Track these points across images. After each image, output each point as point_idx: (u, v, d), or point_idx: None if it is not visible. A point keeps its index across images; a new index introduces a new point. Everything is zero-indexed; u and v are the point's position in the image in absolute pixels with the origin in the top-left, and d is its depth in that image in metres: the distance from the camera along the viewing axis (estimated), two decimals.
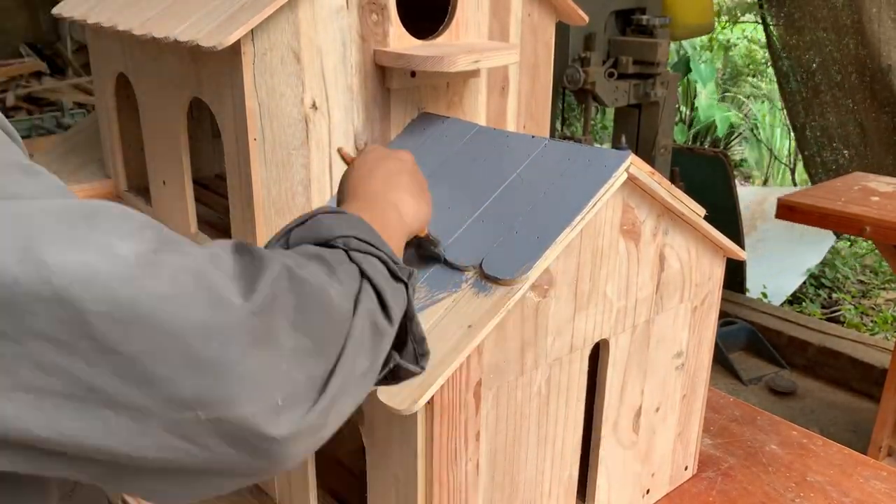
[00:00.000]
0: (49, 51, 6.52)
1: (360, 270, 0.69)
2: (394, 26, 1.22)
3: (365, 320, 0.66)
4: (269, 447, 0.57)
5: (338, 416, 0.64)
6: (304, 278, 0.62)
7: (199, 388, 0.54)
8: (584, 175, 1.02)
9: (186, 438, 0.55)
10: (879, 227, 2.24)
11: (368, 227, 0.75)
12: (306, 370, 0.60)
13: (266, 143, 1.12)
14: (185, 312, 0.54)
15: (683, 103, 6.50)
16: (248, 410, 0.55)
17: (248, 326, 0.57)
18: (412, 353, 0.76)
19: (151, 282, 0.53)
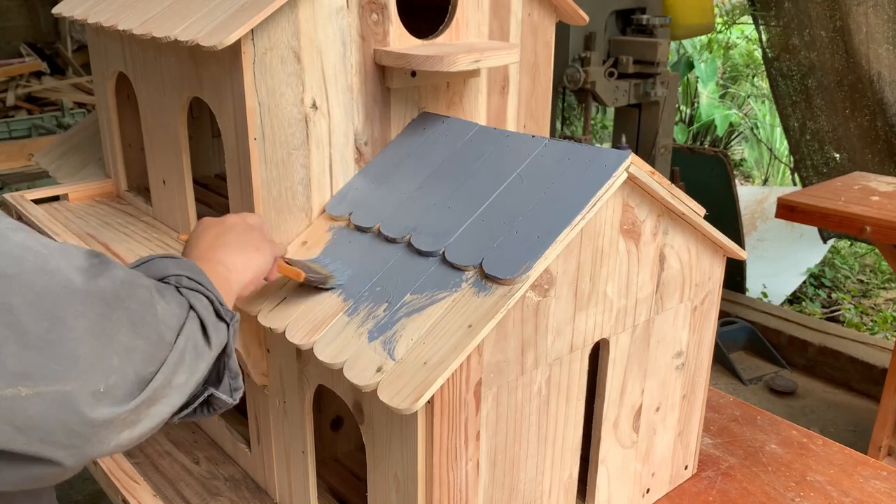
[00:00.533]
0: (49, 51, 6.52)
1: (188, 302, 0.77)
2: (394, 26, 1.22)
3: (188, 340, 0.74)
4: (83, 430, 0.62)
5: (150, 419, 0.69)
6: (143, 287, 0.70)
7: (25, 361, 0.58)
8: (584, 175, 1.02)
9: (2, 415, 0.58)
10: (879, 227, 2.24)
11: (198, 270, 0.83)
12: (135, 369, 0.67)
13: (266, 143, 1.12)
14: (24, 289, 0.58)
15: (684, 103, 6.50)
16: (72, 388, 0.60)
17: (89, 310, 0.63)
18: (227, 387, 0.84)
19: (4, 247, 0.58)
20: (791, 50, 3.62)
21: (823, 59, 3.51)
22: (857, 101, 3.51)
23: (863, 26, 3.31)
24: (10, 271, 0.58)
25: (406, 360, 0.91)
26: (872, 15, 3.31)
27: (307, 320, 1.04)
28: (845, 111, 3.55)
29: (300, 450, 1.20)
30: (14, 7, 6.59)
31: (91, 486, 2.65)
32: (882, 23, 3.32)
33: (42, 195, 1.65)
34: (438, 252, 1.04)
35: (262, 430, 1.29)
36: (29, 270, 0.60)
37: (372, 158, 1.26)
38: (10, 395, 0.58)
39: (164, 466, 1.42)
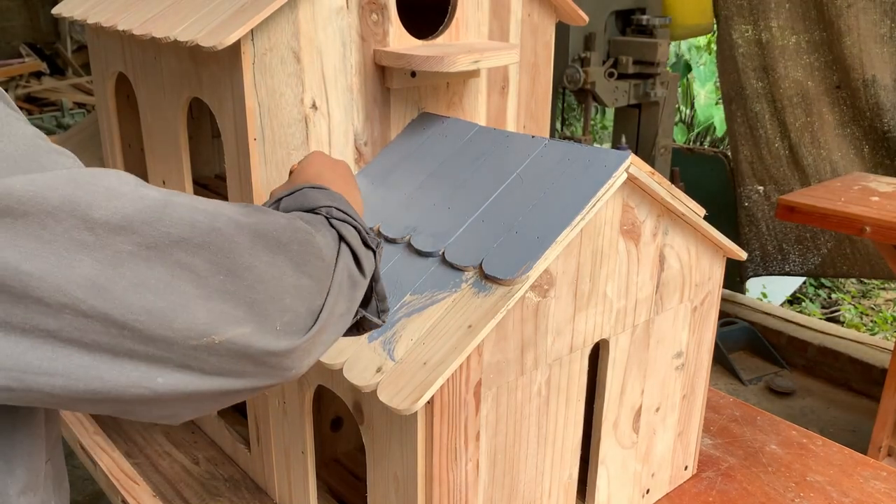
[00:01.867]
0: (49, 51, 6.53)
1: (339, 234, 0.82)
2: (394, 26, 1.22)
3: (344, 271, 0.79)
4: (269, 360, 0.70)
5: (321, 346, 0.76)
6: (301, 230, 0.76)
7: (211, 313, 0.66)
8: (584, 175, 1.02)
9: (201, 361, 0.66)
10: (879, 227, 2.24)
11: (345, 201, 0.88)
12: (306, 304, 0.74)
13: (266, 143, 1.12)
14: (202, 250, 0.66)
15: (683, 103, 6.50)
16: (251, 329, 0.68)
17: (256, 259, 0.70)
18: (375, 309, 0.88)
19: (174, 226, 0.64)
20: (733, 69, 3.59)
21: (785, 73, 3.49)
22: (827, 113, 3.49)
23: (854, 30, 3.30)
24: (187, 234, 0.65)
25: (406, 361, 0.91)
26: (863, 17, 3.29)
27: None
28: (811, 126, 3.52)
29: (300, 450, 1.20)
30: (14, 7, 6.59)
31: (91, 486, 2.65)
32: (872, 26, 3.30)
33: None
34: (438, 252, 1.04)
35: (262, 431, 1.29)
36: (202, 232, 0.66)
37: (372, 159, 1.26)
38: (205, 343, 0.65)
39: (164, 467, 1.42)
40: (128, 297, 0.61)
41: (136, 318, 0.61)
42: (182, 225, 0.65)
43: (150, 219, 0.63)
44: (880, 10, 3.30)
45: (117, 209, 0.61)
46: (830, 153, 3.52)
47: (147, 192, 0.65)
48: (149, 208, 0.63)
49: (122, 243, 0.61)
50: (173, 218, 0.64)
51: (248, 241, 0.70)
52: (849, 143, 3.51)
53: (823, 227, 2.52)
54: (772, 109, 3.56)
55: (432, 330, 0.94)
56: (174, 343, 0.64)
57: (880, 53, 3.33)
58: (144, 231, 0.62)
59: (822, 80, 3.46)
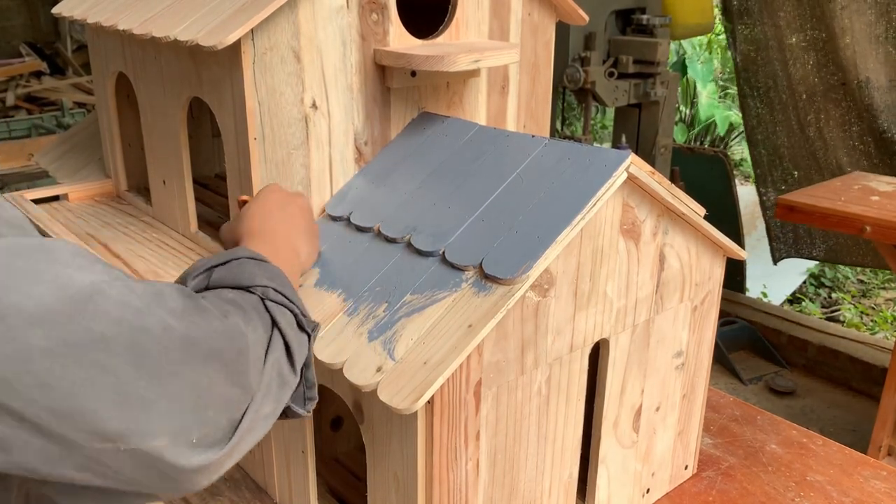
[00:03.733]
0: (49, 50, 6.52)
1: (273, 321, 0.76)
2: (394, 25, 1.22)
3: (273, 370, 0.74)
4: (178, 476, 0.64)
5: (241, 453, 0.71)
6: (238, 333, 0.70)
7: (124, 422, 0.60)
8: (584, 175, 1.02)
9: (103, 465, 0.60)
10: (879, 227, 2.24)
11: (284, 278, 0.82)
12: (228, 416, 0.68)
13: (266, 143, 1.12)
14: (123, 350, 0.59)
15: (683, 103, 6.49)
16: (166, 443, 0.62)
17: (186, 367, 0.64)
18: (301, 396, 0.83)
19: (96, 321, 0.58)
20: (760, 62, 3.62)
21: (796, 69, 3.50)
22: (832, 110, 3.50)
23: (847, 32, 3.30)
24: (110, 333, 0.59)
25: (406, 360, 0.91)
26: (857, 19, 3.29)
27: None
28: (818, 122, 3.54)
29: (300, 450, 1.20)
30: (14, 7, 6.59)
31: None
32: (865, 27, 3.31)
33: (42, 195, 1.65)
34: (438, 252, 1.04)
35: None
36: (127, 331, 0.60)
37: (372, 158, 1.26)
38: (109, 448, 0.60)
39: None
40: (31, 394, 0.56)
41: (36, 414, 0.56)
42: (107, 321, 0.59)
43: (72, 312, 0.57)
44: (875, 12, 3.30)
45: (38, 299, 0.56)
46: (836, 150, 3.54)
47: (77, 279, 0.59)
48: (72, 300, 0.57)
49: (36, 338, 0.55)
50: (98, 312, 0.59)
51: (178, 345, 0.63)
52: (855, 140, 3.52)
53: (824, 226, 2.52)
54: (794, 103, 3.59)
55: (432, 329, 0.94)
56: (75, 445, 0.58)
57: (875, 54, 3.34)
58: (62, 326, 0.56)
59: (829, 77, 3.47)
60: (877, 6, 3.29)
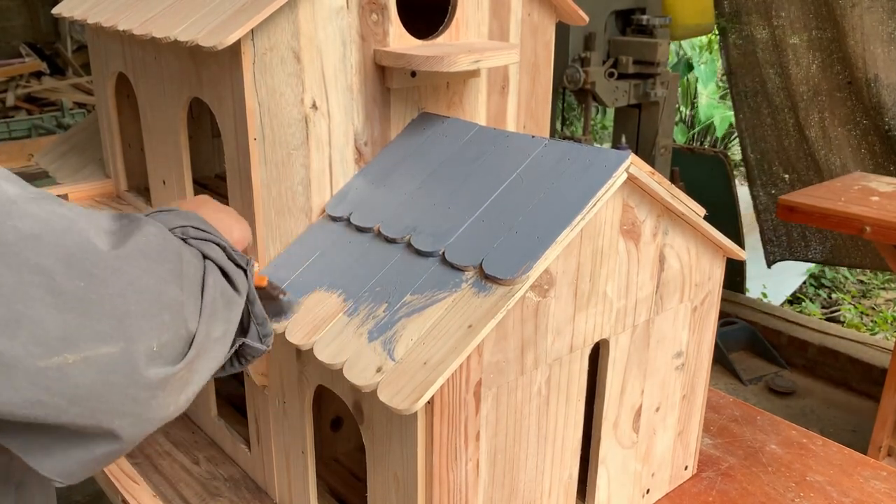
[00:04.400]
0: (49, 51, 6.52)
1: (201, 253, 0.71)
2: (394, 26, 1.22)
3: (215, 289, 0.69)
4: (140, 394, 0.57)
5: (199, 376, 0.65)
6: (172, 239, 0.66)
7: (66, 325, 0.53)
8: (584, 175, 1.02)
9: (51, 389, 0.53)
10: (879, 227, 2.24)
11: (201, 219, 0.78)
12: (186, 324, 0.62)
13: (266, 143, 1.12)
14: (55, 248, 0.54)
15: (683, 103, 6.50)
16: (121, 348, 0.55)
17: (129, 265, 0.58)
18: (256, 334, 0.79)
19: (22, 221, 0.53)
20: (749, 66, 3.63)
21: (796, 69, 3.51)
22: (838, 109, 3.51)
23: (858, 29, 3.31)
24: (37, 230, 0.54)
25: (406, 361, 0.91)
26: (867, 16, 3.30)
27: (307, 320, 1.04)
28: (822, 122, 3.54)
29: (300, 450, 1.20)
30: (14, 7, 6.59)
31: (91, 487, 2.64)
32: (877, 24, 3.32)
33: None
34: (438, 252, 1.04)
35: (262, 431, 1.29)
36: (57, 230, 0.55)
37: (372, 159, 1.26)
38: (55, 363, 0.53)
39: (164, 467, 1.42)
40: None
41: None
42: (32, 220, 0.54)
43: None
44: (885, 11, 3.31)
45: None
46: (841, 149, 3.54)
47: (4, 187, 0.55)
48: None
49: None
50: (24, 213, 0.54)
51: (115, 242, 0.59)
52: (860, 139, 3.53)
53: (824, 227, 2.52)
54: (790, 103, 3.59)
55: (432, 330, 0.94)
56: (17, 363, 0.51)
57: (884, 53, 3.34)
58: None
59: (835, 76, 3.48)
60: (888, 4, 3.30)
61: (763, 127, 3.71)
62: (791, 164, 3.70)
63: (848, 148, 3.54)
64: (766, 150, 3.74)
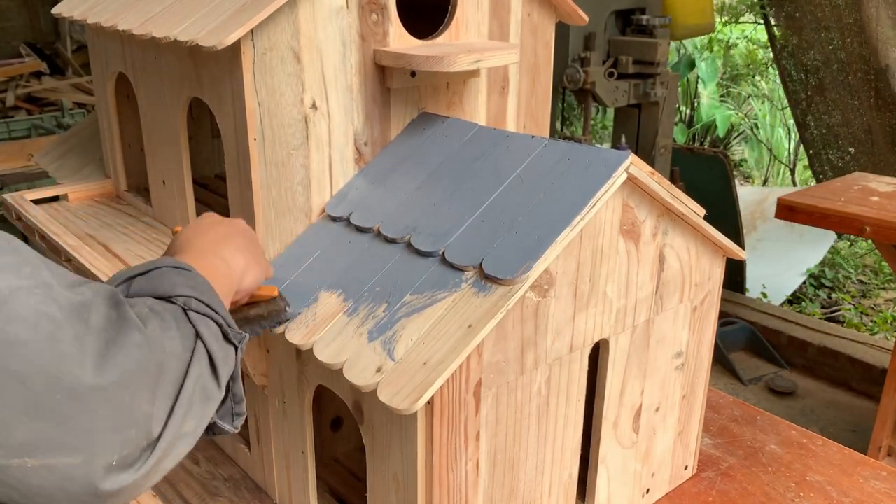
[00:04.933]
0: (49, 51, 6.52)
1: (195, 332, 0.71)
2: (394, 26, 1.22)
3: (196, 384, 0.69)
4: (91, 499, 0.59)
5: (159, 474, 0.67)
6: (159, 347, 0.65)
7: (34, 433, 0.55)
8: (584, 175, 1.02)
9: (7, 483, 0.55)
10: (879, 227, 2.24)
11: (208, 288, 0.77)
12: (148, 434, 0.63)
13: (266, 143, 1.12)
14: (38, 358, 0.55)
15: (684, 103, 6.50)
16: (82, 461, 0.57)
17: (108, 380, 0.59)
18: (229, 412, 0.80)
19: (10, 325, 0.55)
20: (802, 45, 3.65)
21: (836, 52, 3.53)
22: (874, 94, 3.53)
23: (874, 19, 3.33)
24: (24, 338, 0.56)
25: (406, 361, 0.91)
26: (884, 7, 3.32)
27: (307, 320, 1.04)
28: (860, 105, 3.57)
29: (300, 450, 1.20)
30: (14, 7, 6.59)
31: None
32: (891, 16, 3.34)
33: (42, 195, 1.65)
34: (438, 252, 1.04)
35: (262, 431, 1.29)
36: (43, 339, 0.56)
37: (372, 159, 1.26)
38: (15, 464, 0.55)
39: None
40: None
41: None
42: (22, 326, 0.55)
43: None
44: None
45: None
46: (874, 131, 3.56)
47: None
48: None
49: None
50: (12, 316, 0.55)
51: (96, 357, 0.59)
52: (889, 125, 3.55)
53: (824, 227, 2.52)
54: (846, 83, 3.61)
55: (432, 330, 0.94)
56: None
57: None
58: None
59: (865, 64, 3.50)
60: None
61: (828, 102, 3.72)
62: (856, 138, 3.72)
63: (882, 132, 3.57)
64: (833, 125, 3.75)
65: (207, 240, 0.91)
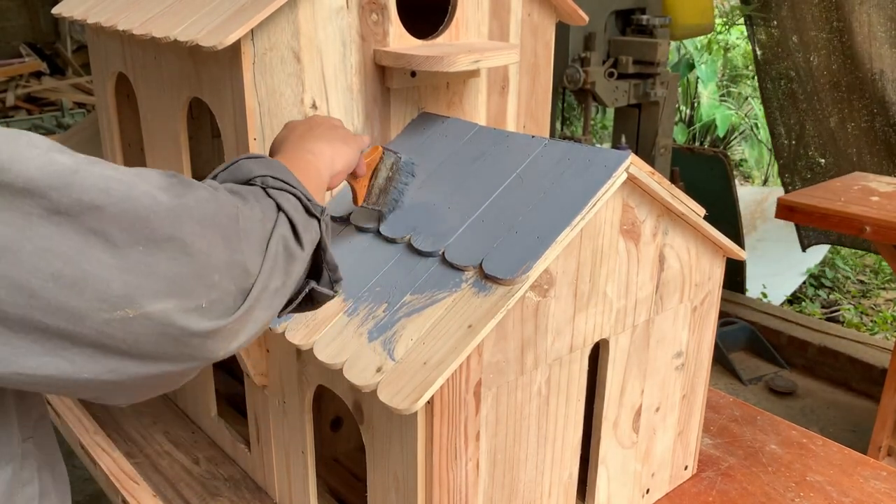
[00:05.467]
0: (49, 51, 6.52)
1: (276, 204, 0.77)
2: (394, 26, 1.22)
3: (279, 244, 0.75)
4: (190, 340, 0.65)
5: (253, 324, 0.72)
6: (228, 203, 0.72)
7: (128, 285, 0.61)
8: (584, 175, 1.02)
9: (115, 337, 0.61)
10: (879, 227, 2.24)
11: (284, 169, 0.83)
12: (236, 282, 0.69)
13: (266, 143, 1.12)
14: (117, 217, 0.61)
15: (684, 103, 6.49)
16: (173, 305, 0.64)
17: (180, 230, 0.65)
18: (327, 280, 0.84)
19: (85, 193, 0.60)
20: (781, 53, 3.65)
21: (818, 61, 3.53)
22: (856, 102, 3.53)
23: (865, 25, 3.32)
24: (100, 202, 0.61)
25: (406, 361, 0.91)
26: (875, 12, 3.32)
27: (307, 320, 1.04)
28: (840, 113, 3.56)
29: (300, 450, 1.20)
30: (14, 7, 6.59)
31: (91, 486, 2.65)
32: (884, 21, 3.33)
33: None
34: (438, 252, 1.04)
35: (262, 431, 1.29)
36: (117, 200, 0.62)
37: None
38: (118, 316, 0.61)
39: (164, 467, 1.42)
40: (34, 261, 0.57)
41: (42, 285, 0.58)
42: (94, 192, 0.61)
43: (59, 184, 0.59)
44: (892, 8, 3.33)
45: (20, 172, 0.58)
46: (858, 141, 3.56)
47: (57, 158, 0.61)
48: (57, 173, 0.60)
49: (30, 206, 0.58)
50: (85, 185, 0.61)
51: (168, 210, 0.65)
52: (878, 132, 3.55)
53: (824, 227, 2.52)
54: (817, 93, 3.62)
55: (432, 330, 0.94)
56: (84, 315, 0.60)
57: (889, 50, 3.36)
58: (52, 196, 0.58)
59: (848, 72, 3.50)
60: (893, 3, 3.32)
61: (798, 113, 3.73)
62: (827, 148, 3.72)
63: (864, 140, 3.56)
64: (806, 134, 3.76)
65: (293, 139, 0.98)
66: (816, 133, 3.71)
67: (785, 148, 3.83)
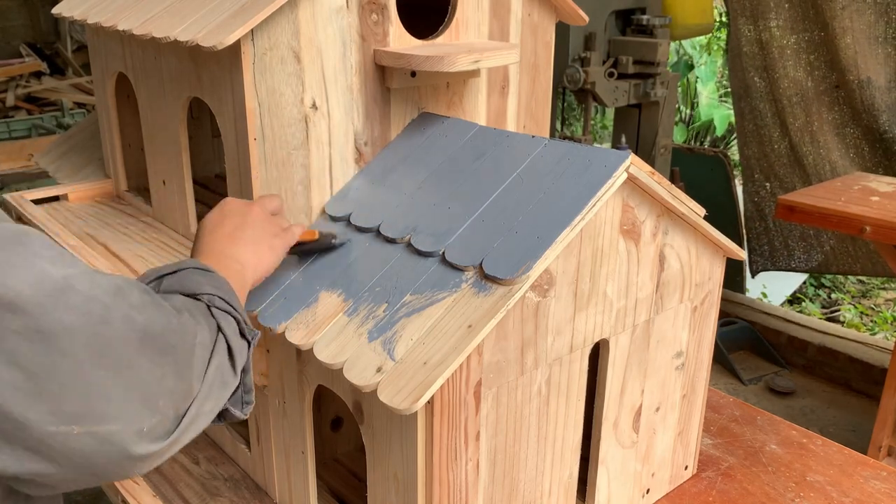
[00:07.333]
0: (49, 51, 6.53)
1: (218, 326, 0.82)
2: (394, 26, 1.22)
3: (217, 371, 0.80)
4: (125, 461, 0.69)
5: (178, 446, 0.77)
6: (189, 333, 0.76)
7: (83, 405, 0.65)
8: (584, 175, 1.02)
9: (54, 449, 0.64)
10: (879, 227, 2.24)
11: (229, 288, 0.88)
12: (175, 407, 0.74)
13: (266, 143, 1.12)
14: (89, 341, 0.65)
15: (684, 103, 6.49)
16: (119, 427, 0.68)
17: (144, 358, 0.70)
18: (240, 400, 0.88)
19: (67, 314, 0.64)
20: (737, 70, 3.61)
21: (783, 73, 3.49)
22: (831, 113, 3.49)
23: (847, 32, 3.30)
24: (78, 324, 0.65)
25: (406, 361, 0.91)
26: (857, 19, 3.29)
27: (307, 320, 1.04)
28: (812, 125, 3.52)
29: (300, 450, 1.20)
30: (14, 7, 6.59)
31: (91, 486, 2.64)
32: (867, 27, 3.30)
33: (42, 195, 1.65)
34: (438, 252, 1.04)
35: (262, 431, 1.29)
36: (94, 323, 0.66)
37: (372, 159, 1.26)
38: (63, 431, 0.64)
39: (164, 466, 1.42)
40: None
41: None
42: (76, 314, 0.65)
43: (45, 303, 0.63)
44: (875, 12, 3.30)
45: (15, 288, 0.61)
46: (829, 152, 3.53)
47: (51, 272, 0.64)
48: (47, 293, 0.63)
49: (10, 321, 0.61)
50: (69, 305, 0.64)
51: (137, 339, 0.70)
52: (848, 142, 3.51)
53: (823, 226, 2.52)
54: (774, 108, 3.58)
55: (432, 330, 0.94)
56: (30, 425, 0.62)
57: (875, 55, 3.34)
58: (36, 313, 0.62)
59: (822, 80, 3.46)
60: (876, 6, 3.29)
61: (745, 134, 3.71)
62: (774, 171, 3.69)
63: (837, 151, 3.52)
64: (750, 157, 3.74)
65: (220, 237, 1.00)
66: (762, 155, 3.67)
67: (742, 168, 3.81)
